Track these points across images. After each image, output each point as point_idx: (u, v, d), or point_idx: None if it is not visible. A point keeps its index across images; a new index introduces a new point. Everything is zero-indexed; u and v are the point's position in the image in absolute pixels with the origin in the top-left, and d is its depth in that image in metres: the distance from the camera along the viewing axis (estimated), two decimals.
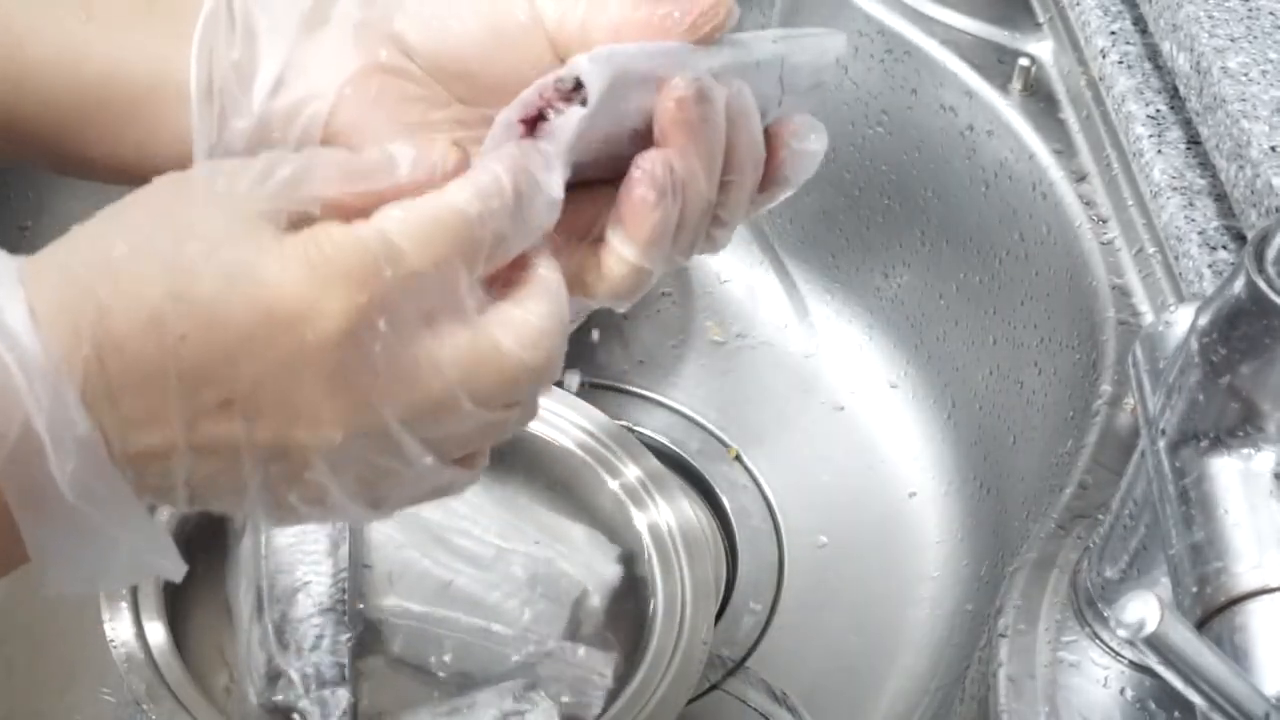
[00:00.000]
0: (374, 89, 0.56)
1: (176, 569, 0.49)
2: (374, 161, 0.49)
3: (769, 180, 0.57)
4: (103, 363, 0.45)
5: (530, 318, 0.49)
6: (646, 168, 0.52)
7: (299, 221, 0.48)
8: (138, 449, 0.46)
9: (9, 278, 0.46)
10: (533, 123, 0.54)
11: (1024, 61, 0.90)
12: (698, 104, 0.53)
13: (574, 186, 0.54)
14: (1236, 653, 0.48)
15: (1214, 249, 0.74)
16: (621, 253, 0.54)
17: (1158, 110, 0.82)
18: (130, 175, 0.58)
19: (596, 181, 0.55)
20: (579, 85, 0.52)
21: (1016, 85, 0.90)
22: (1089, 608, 0.62)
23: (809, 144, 0.57)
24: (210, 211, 0.47)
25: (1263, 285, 0.49)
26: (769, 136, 0.57)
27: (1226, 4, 0.79)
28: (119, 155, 0.58)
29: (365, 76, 0.56)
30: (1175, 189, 0.77)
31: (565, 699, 0.80)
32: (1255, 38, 0.77)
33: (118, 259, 0.46)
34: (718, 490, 0.96)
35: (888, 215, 0.99)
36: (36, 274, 0.46)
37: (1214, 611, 0.50)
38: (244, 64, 0.57)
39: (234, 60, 0.56)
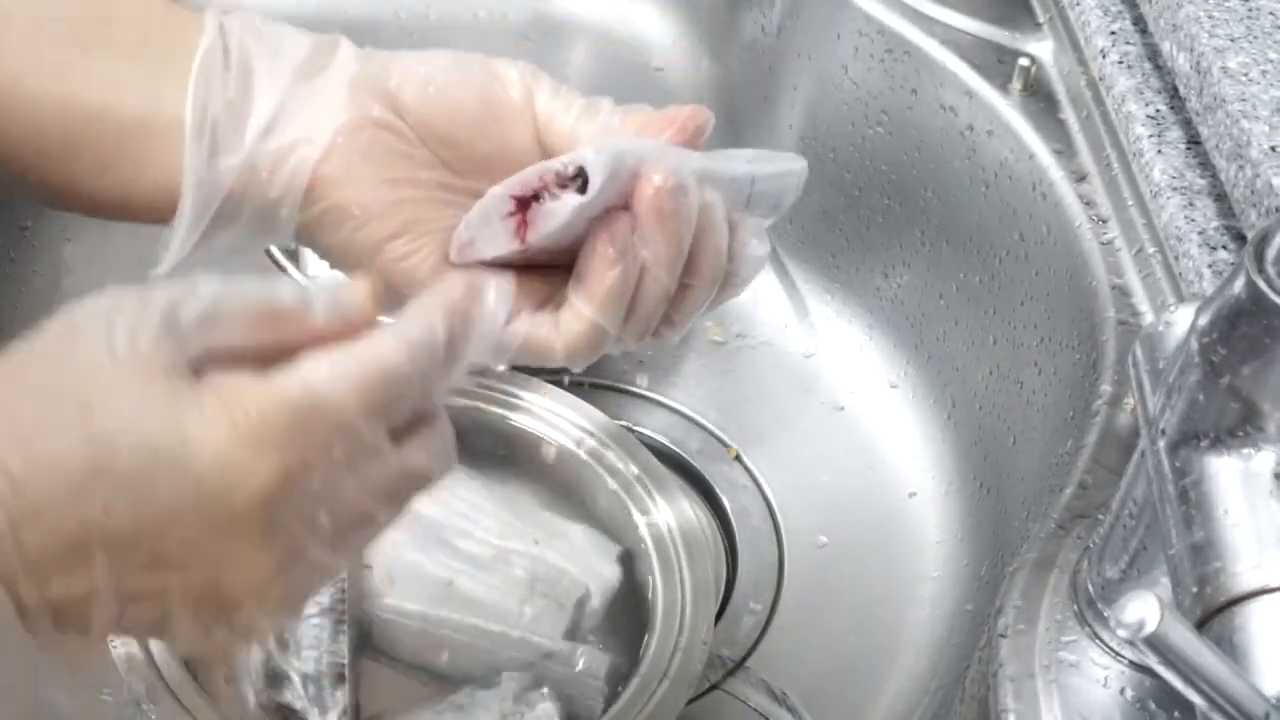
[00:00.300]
0: (364, 141, 0.57)
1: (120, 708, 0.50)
2: (287, 304, 0.49)
3: (723, 282, 0.59)
4: (17, 533, 0.45)
5: (435, 445, 0.53)
6: (611, 227, 0.55)
7: (207, 364, 0.47)
8: (56, 596, 0.45)
9: None
10: (526, 202, 0.55)
11: (1024, 61, 0.90)
12: (673, 196, 0.55)
13: (541, 264, 0.56)
14: (1236, 653, 0.48)
15: (1214, 249, 0.74)
16: (580, 309, 0.56)
17: (1158, 110, 0.82)
18: (111, 209, 0.58)
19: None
20: (580, 174, 0.54)
21: (1016, 85, 0.90)
22: (1089, 608, 0.62)
23: (754, 249, 0.60)
24: (118, 373, 0.46)
25: (1263, 285, 0.49)
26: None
27: (1226, 4, 0.79)
28: (103, 188, 0.58)
29: (357, 128, 0.57)
30: (1175, 189, 0.77)
31: (565, 699, 0.80)
32: (1255, 38, 0.77)
33: (27, 430, 0.45)
34: (718, 490, 0.96)
35: (888, 215, 0.99)
36: None
37: (1214, 611, 0.50)
38: (238, 103, 0.57)
39: (229, 98, 0.57)
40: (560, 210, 0.55)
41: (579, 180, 0.54)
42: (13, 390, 0.47)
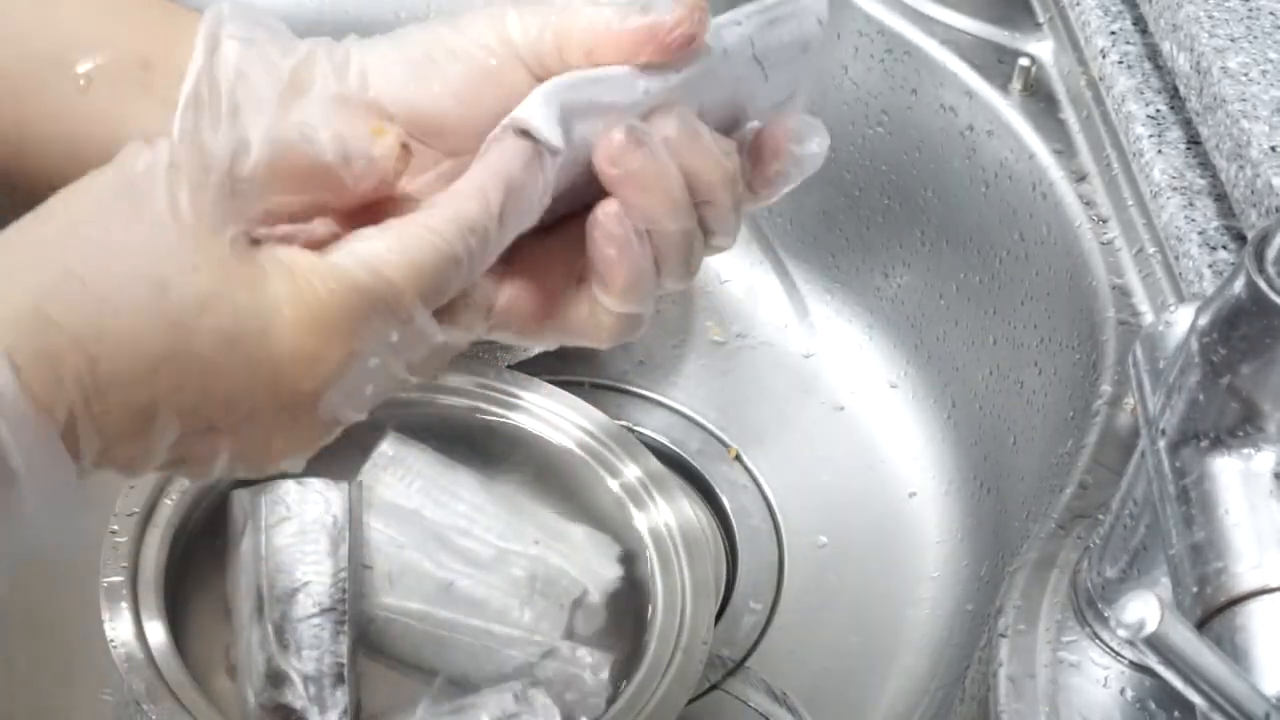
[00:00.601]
0: None
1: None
2: (331, 161, 0.50)
3: (766, 181, 0.56)
4: (89, 407, 0.46)
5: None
6: (602, 224, 0.52)
7: (259, 227, 0.49)
8: (114, 456, 0.47)
9: None
10: None
11: (1024, 61, 0.90)
12: (634, 151, 0.52)
13: (548, 228, 0.54)
14: (1236, 653, 0.48)
15: (1214, 249, 0.74)
16: (605, 304, 0.54)
17: (1158, 110, 0.82)
18: None
19: (567, 217, 0.55)
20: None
21: (1016, 85, 0.90)
22: (1089, 608, 0.62)
23: (809, 147, 0.56)
24: (187, 244, 0.47)
25: (1263, 285, 0.49)
26: (765, 138, 0.56)
27: (1227, 4, 0.79)
28: None
29: None
30: (1175, 189, 0.77)
31: (565, 699, 0.80)
32: (1255, 38, 0.77)
33: (103, 307, 0.46)
34: (718, 490, 0.96)
35: (888, 215, 0.99)
36: (12, 319, 0.45)
37: (1214, 611, 0.50)
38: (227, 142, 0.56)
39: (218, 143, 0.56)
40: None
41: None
42: (82, 256, 0.47)
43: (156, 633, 0.78)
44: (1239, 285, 0.50)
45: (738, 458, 0.98)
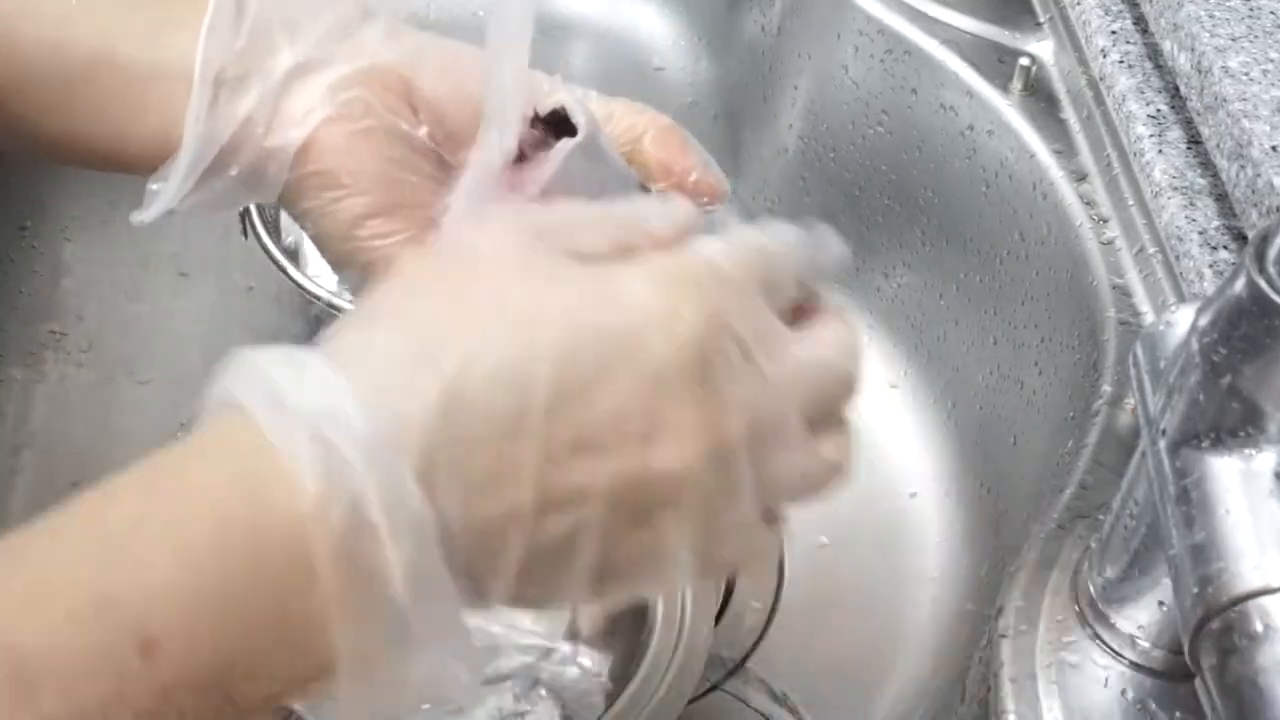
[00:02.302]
0: (370, 117, 0.56)
1: (469, 689, 0.44)
2: (628, 211, 0.48)
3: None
4: (444, 423, 0.41)
5: (841, 332, 0.49)
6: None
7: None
8: (477, 522, 0.42)
9: (316, 363, 0.42)
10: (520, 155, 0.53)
11: (1024, 61, 0.90)
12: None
13: None
14: (1238, 653, 0.48)
15: (1215, 249, 0.74)
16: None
17: (1158, 110, 0.82)
18: (102, 158, 0.58)
19: None
20: (560, 119, 0.51)
21: (1017, 85, 0.90)
22: (1090, 608, 0.62)
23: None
24: (509, 266, 0.44)
25: (1264, 285, 0.49)
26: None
27: (1227, 3, 0.79)
28: (98, 135, 0.57)
29: (366, 103, 0.56)
30: (1176, 189, 0.77)
31: (565, 699, 0.80)
32: (1256, 37, 0.77)
33: (451, 328, 0.43)
34: None
35: (888, 215, 0.99)
36: (342, 351, 0.42)
37: (1215, 611, 0.50)
38: (249, 55, 0.56)
39: (239, 49, 0.56)
40: (554, 157, 0.53)
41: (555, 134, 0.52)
42: (413, 309, 0.44)
43: None
44: (1240, 285, 0.50)
45: None
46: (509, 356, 0.42)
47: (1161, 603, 0.59)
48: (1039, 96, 0.90)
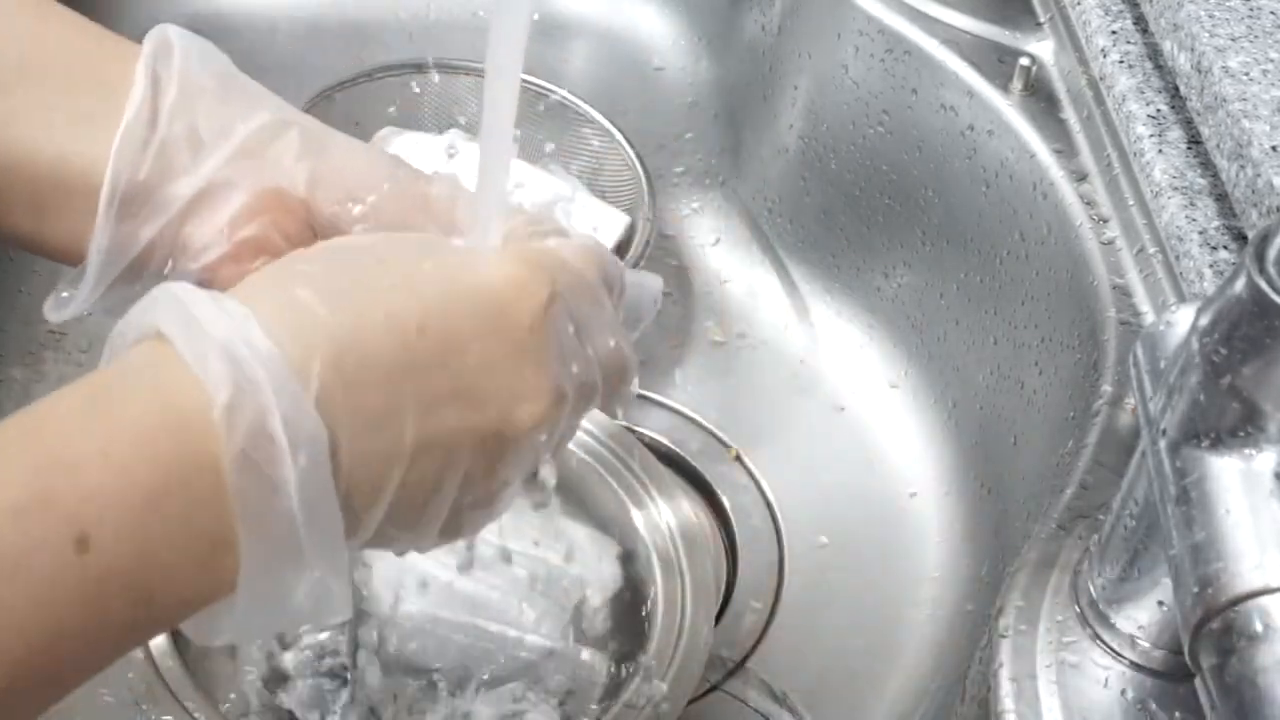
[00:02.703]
0: (272, 246, 0.57)
1: (345, 607, 0.49)
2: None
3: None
4: (340, 362, 0.46)
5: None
6: None
7: None
8: (362, 456, 0.47)
9: (231, 301, 0.47)
10: None
11: (1025, 61, 0.90)
12: None
13: None
14: (1238, 653, 0.48)
15: (1215, 249, 0.74)
16: None
17: (1158, 110, 0.82)
18: (28, 246, 0.59)
19: None
20: None
21: (1017, 85, 0.90)
22: (1090, 608, 0.62)
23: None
24: (396, 237, 0.52)
25: (1264, 285, 0.49)
26: None
27: (1227, 3, 0.79)
28: (22, 228, 0.58)
29: (264, 233, 0.57)
30: (1176, 188, 0.77)
31: (565, 699, 0.80)
32: (1256, 37, 0.77)
33: (340, 285, 0.48)
34: (718, 490, 0.96)
35: (888, 215, 0.99)
36: (253, 295, 0.47)
37: (1215, 612, 0.50)
38: (158, 175, 0.57)
39: (150, 168, 0.56)
40: None
41: None
42: (300, 261, 0.50)
43: None
44: (1240, 285, 0.50)
45: (738, 458, 0.98)
46: (398, 308, 0.48)
47: (1161, 603, 0.59)
48: (1039, 96, 0.90)
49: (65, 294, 0.58)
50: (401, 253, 0.50)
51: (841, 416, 1.00)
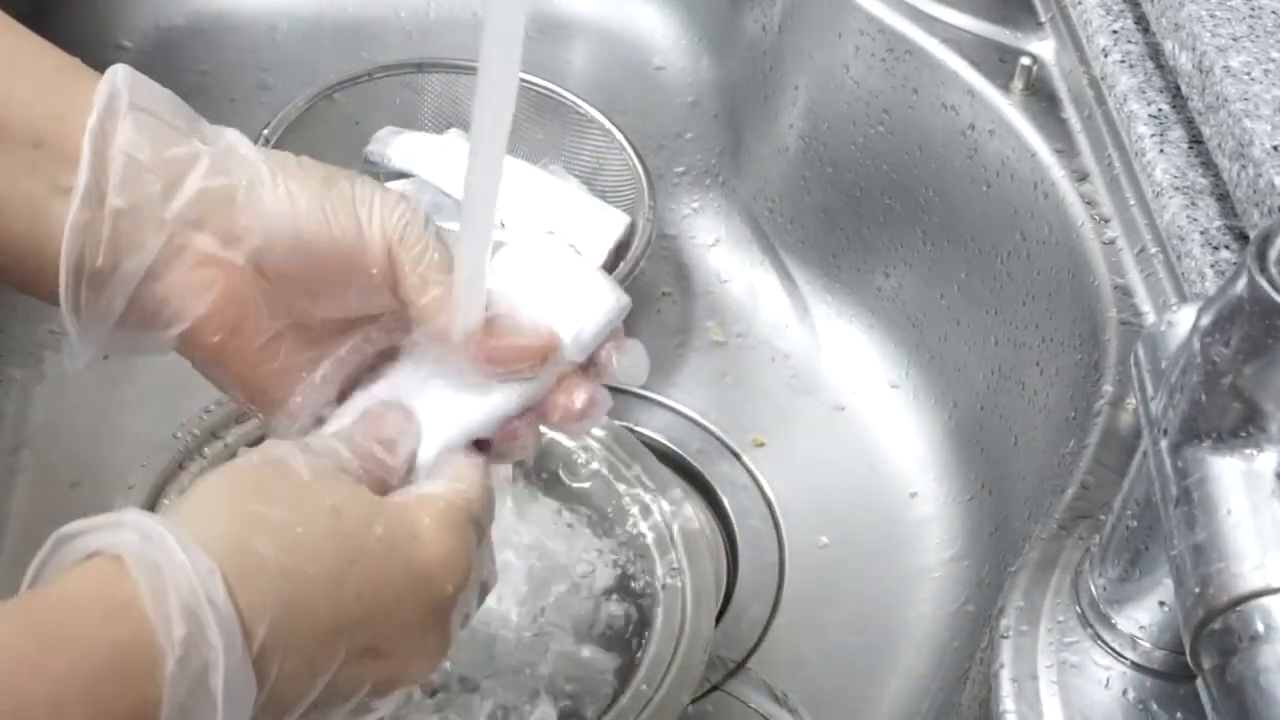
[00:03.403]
0: (233, 307, 0.58)
1: None
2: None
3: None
4: (282, 622, 0.49)
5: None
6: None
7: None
8: (279, 698, 0.50)
9: (196, 550, 0.49)
10: None
11: (1025, 61, 0.90)
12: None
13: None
14: (1239, 654, 0.48)
15: (1216, 249, 0.74)
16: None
17: (1160, 109, 0.82)
18: (22, 290, 0.59)
19: None
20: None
21: (1018, 84, 0.90)
22: (1091, 609, 0.62)
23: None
24: (332, 486, 0.54)
25: (1265, 285, 0.49)
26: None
27: (1229, 3, 0.79)
28: (11, 276, 0.59)
29: (225, 293, 0.58)
30: (1177, 188, 0.77)
31: (566, 699, 0.80)
32: (1257, 37, 0.77)
33: (290, 532, 0.51)
34: (718, 490, 0.96)
35: (888, 215, 0.99)
36: (213, 538, 0.50)
37: (1216, 612, 0.50)
38: (116, 249, 0.57)
39: (106, 245, 0.57)
40: None
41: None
42: (266, 500, 0.52)
43: None
44: (1241, 285, 0.50)
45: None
46: (339, 574, 0.51)
47: (1163, 603, 0.59)
48: (1040, 96, 0.90)
49: (69, 351, 0.61)
50: (354, 506, 0.53)
51: (842, 416, 1.00)
